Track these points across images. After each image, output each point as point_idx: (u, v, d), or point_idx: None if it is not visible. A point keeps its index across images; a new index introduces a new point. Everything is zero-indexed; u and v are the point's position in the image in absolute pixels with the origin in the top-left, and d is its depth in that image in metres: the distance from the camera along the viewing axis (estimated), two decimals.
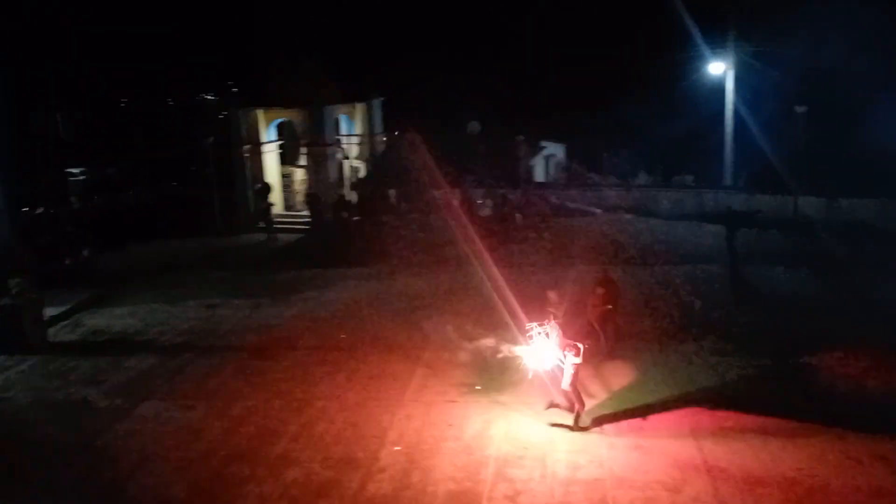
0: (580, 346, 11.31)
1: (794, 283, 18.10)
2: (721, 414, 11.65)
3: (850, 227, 22.27)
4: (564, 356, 11.33)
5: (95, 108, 36.81)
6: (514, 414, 12.05)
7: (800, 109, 23.96)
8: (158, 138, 35.26)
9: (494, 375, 13.43)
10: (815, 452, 10.48)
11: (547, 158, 31.97)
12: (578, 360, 11.31)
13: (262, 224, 27.02)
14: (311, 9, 33.98)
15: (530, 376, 12.15)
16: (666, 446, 10.87)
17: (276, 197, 28.37)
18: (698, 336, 14.89)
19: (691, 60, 29.19)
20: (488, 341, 14.80)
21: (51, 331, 16.72)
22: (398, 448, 11.19)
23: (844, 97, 28.99)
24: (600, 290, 13.94)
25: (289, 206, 29.13)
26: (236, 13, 35.75)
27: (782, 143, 25.33)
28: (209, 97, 42.40)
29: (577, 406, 11.56)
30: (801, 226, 22.52)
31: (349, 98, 29.36)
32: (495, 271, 19.52)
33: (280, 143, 29.23)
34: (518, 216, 25.26)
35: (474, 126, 30.31)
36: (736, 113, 28.31)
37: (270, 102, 28.55)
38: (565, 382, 11.40)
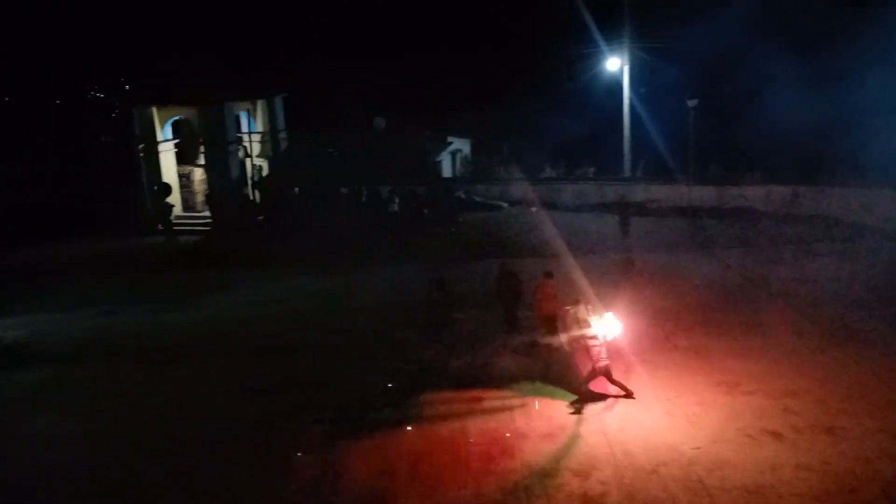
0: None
1: (686, 267, 18.81)
2: (626, 399, 12.03)
3: (737, 211, 23.58)
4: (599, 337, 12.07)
5: None
6: (426, 408, 12.08)
7: (692, 103, 24.94)
8: (51, 137, 33.52)
9: (410, 371, 13.42)
10: (713, 431, 10.97)
11: (454, 154, 32.15)
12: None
13: (160, 226, 26.08)
14: (207, 3, 32.98)
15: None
16: (576, 434, 11.14)
17: (174, 197, 27.41)
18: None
19: (592, 57, 29.98)
20: (404, 334, 14.82)
21: None
22: (302, 454, 11.01)
23: (735, 90, 30.49)
24: (548, 283, 14.08)
25: (189, 206, 28.17)
26: (130, 7, 34.28)
27: (678, 135, 26.37)
28: (101, 95, 40.53)
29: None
30: (694, 213, 23.62)
31: (250, 95, 28.65)
32: (405, 268, 19.59)
33: (177, 141, 28.25)
34: (426, 212, 25.34)
35: (380, 122, 30.13)
36: (635, 107, 29.25)
37: (166, 100, 27.54)
38: (603, 362, 12.02)
